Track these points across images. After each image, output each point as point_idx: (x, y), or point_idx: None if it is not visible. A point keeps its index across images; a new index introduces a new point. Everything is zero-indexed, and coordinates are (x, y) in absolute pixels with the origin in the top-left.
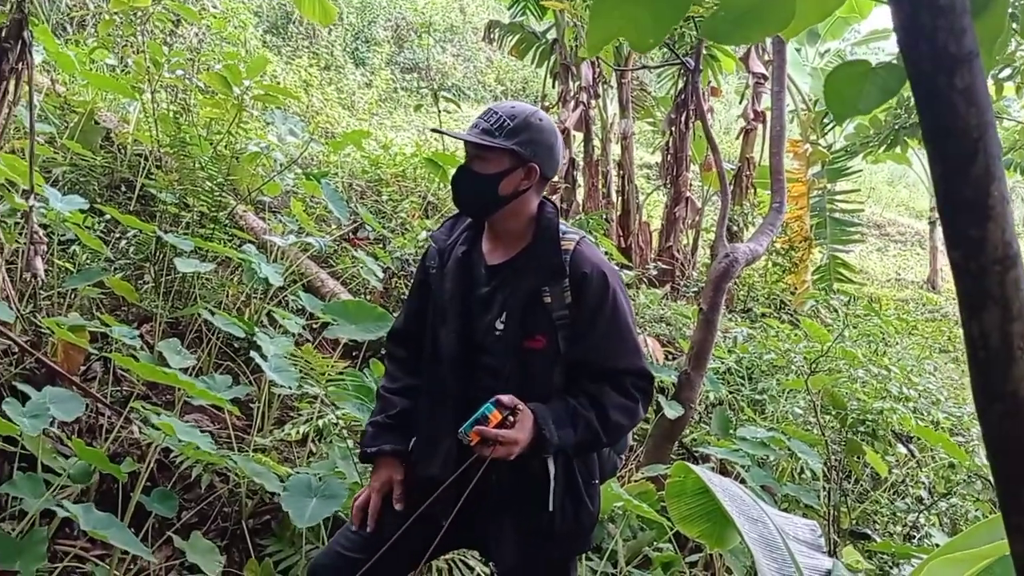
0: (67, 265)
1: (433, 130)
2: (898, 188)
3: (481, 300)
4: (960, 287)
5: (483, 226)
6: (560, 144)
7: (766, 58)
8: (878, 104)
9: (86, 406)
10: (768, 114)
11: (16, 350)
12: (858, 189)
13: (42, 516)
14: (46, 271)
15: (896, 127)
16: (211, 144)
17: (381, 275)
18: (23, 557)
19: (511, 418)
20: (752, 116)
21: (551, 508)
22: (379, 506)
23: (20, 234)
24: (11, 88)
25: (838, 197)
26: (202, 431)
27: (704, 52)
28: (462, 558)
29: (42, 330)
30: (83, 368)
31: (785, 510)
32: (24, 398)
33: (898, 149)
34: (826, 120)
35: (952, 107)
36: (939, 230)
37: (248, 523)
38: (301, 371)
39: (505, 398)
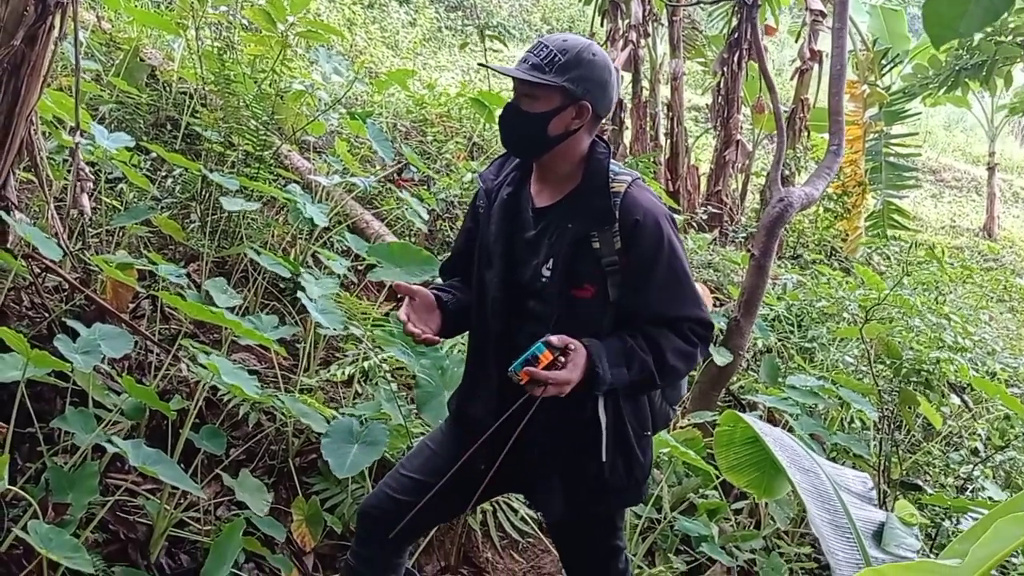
0: (114, 203)
1: (480, 64)
2: (955, 133)
3: (528, 244)
4: None
5: (531, 166)
6: (615, 80)
7: None
8: (982, 26)
9: (135, 343)
10: (825, 53)
11: (66, 287)
12: (915, 132)
13: (94, 451)
14: (94, 209)
15: (957, 68)
16: (255, 82)
17: (426, 217)
18: (75, 490)
19: (562, 359)
20: (808, 55)
21: (604, 458)
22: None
23: (68, 171)
24: (57, 23)
25: (894, 141)
26: (249, 371)
27: None
28: (507, 500)
29: (91, 268)
30: (132, 306)
31: (834, 459)
32: (74, 335)
33: (958, 91)
34: (884, 60)
35: None
36: (997, 176)
37: (295, 462)
38: (345, 313)
39: (555, 339)
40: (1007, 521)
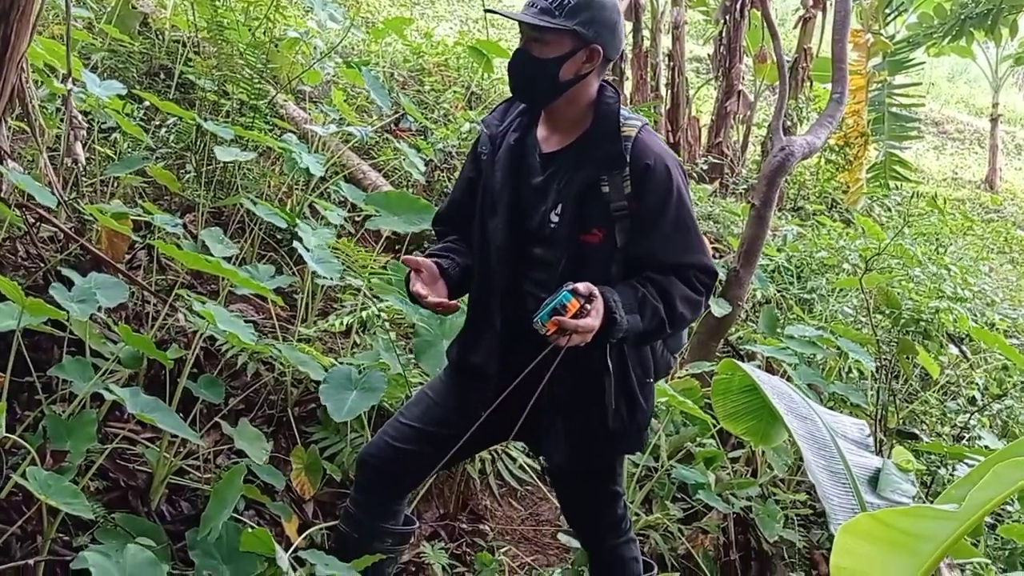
0: (108, 152)
1: (487, 10)
2: (959, 84)
3: (535, 190)
4: None
5: (539, 112)
6: (622, 22)
7: None
8: None
9: (132, 293)
10: (830, 2)
11: (61, 237)
12: (919, 83)
13: (92, 399)
14: (88, 159)
15: (963, 17)
16: (249, 30)
17: (423, 167)
18: (73, 437)
19: (587, 306)
20: (812, 3)
21: (613, 405)
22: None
23: (61, 120)
24: None
25: (897, 91)
26: (246, 321)
27: None
28: (505, 449)
29: (86, 217)
30: (128, 256)
31: (831, 409)
32: (70, 284)
33: (963, 41)
34: (889, 9)
35: None
36: (1001, 128)
37: (294, 411)
38: (343, 263)
39: (581, 286)
40: (1006, 466)
